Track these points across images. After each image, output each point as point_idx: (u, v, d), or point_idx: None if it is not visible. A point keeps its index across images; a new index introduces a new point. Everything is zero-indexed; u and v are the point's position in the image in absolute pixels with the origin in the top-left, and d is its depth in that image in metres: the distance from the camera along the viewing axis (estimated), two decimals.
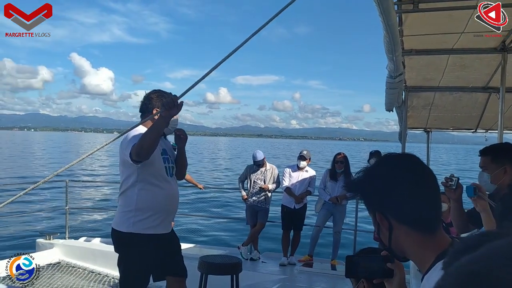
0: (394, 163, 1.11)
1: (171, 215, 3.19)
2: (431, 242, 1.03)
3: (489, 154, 2.51)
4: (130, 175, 2.99)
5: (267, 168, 6.35)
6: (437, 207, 1.07)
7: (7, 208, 10.87)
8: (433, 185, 1.07)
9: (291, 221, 6.28)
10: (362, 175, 1.12)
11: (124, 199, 3.03)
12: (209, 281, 4.30)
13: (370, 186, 1.09)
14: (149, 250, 2.99)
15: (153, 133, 2.71)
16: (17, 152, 54.58)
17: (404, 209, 1.04)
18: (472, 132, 6.35)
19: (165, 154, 3.12)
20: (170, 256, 3.18)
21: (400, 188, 1.04)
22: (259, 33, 2.08)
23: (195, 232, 11.14)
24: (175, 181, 3.22)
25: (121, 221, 3.01)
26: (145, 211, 2.96)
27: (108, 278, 5.58)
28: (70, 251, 6.22)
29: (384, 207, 1.06)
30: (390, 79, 3.75)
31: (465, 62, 4.02)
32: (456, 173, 2.38)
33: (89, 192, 17.74)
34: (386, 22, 2.47)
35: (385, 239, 1.09)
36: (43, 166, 32.50)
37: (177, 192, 3.25)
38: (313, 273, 5.81)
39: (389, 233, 1.07)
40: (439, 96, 5.16)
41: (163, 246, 3.08)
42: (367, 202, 1.12)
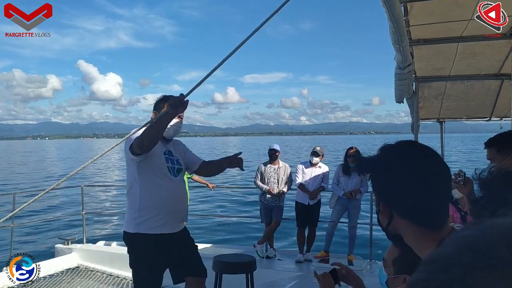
0: (408, 155, 1.05)
1: (178, 214, 3.14)
2: (433, 236, 1.00)
3: (494, 145, 2.48)
4: (132, 173, 3.02)
5: (280, 166, 6.33)
6: (446, 203, 1.04)
7: (25, 216, 11.06)
8: (445, 181, 1.03)
9: (306, 218, 6.25)
10: (375, 161, 1.07)
11: (129, 199, 3.06)
12: (224, 281, 4.30)
13: (380, 176, 1.07)
14: (157, 251, 2.99)
15: (157, 126, 2.71)
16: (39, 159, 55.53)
17: (409, 207, 1.00)
18: (486, 120, 6.25)
19: (170, 155, 3.12)
20: (186, 256, 3.17)
21: (409, 185, 1.00)
22: (264, 31, 2.07)
23: (210, 231, 11.18)
24: (182, 181, 3.21)
25: (128, 222, 3.04)
26: (148, 210, 2.96)
27: (126, 280, 5.63)
28: (88, 255, 6.30)
29: (390, 201, 1.04)
30: (399, 70, 3.71)
31: (475, 49, 3.95)
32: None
33: (104, 196, 17.94)
34: (390, 12, 2.44)
35: (383, 223, 1.08)
36: (63, 170, 33.07)
37: (184, 191, 3.24)
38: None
39: (388, 220, 1.05)
40: (450, 85, 5.08)
41: (176, 246, 3.07)
42: (374, 187, 1.10)
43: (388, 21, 2.61)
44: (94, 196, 17.02)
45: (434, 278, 0.41)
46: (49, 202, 15.37)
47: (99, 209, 14.10)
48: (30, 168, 39.59)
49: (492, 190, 0.86)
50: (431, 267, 0.43)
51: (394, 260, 1.76)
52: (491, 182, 0.90)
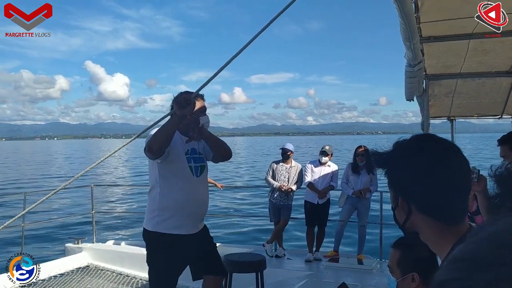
0: (427, 148, 1.03)
1: (195, 217, 3.12)
2: (451, 232, 0.99)
3: (507, 142, 2.45)
4: (153, 173, 3.03)
5: (292, 166, 6.32)
6: (466, 198, 1.02)
7: (35, 215, 11.16)
8: (465, 175, 1.02)
9: (315, 217, 6.23)
10: (393, 155, 1.05)
11: (150, 198, 3.09)
12: (234, 280, 4.31)
13: (398, 171, 1.04)
14: (173, 250, 3.00)
15: (165, 130, 2.71)
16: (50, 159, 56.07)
17: (430, 202, 0.99)
18: (498, 118, 6.19)
19: (194, 153, 3.09)
20: (205, 254, 3.19)
21: (429, 179, 0.98)
22: (271, 31, 2.07)
23: (219, 230, 11.20)
24: (203, 181, 3.16)
25: (148, 220, 3.07)
26: (167, 211, 2.98)
27: (136, 279, 5.66)
28: (98, 255, 6.34)
29: (409, 195, 1.02)
30: (409, 67, 3.68)
31: (486, 46, 3.90)
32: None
33: (114, 196, 18.06)
34: (401, 9, 2.43)
35: (400, 219, 1.06)
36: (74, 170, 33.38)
37: (204, 193, 3.18)
38: (339, 268, 5.76)
39: (406, 216, 1.03)
40: (461, 83, 5.03)
41: (194, 246, 3.08)
42: (391, 182, 1.07)
43: (399, 18, 2.59)
44: (104, 196, 17.13)
45: (472, 277, 0.40)
46: (59, 202, 15.50)
47: (108, 209, 14.20)
48: (41, 168, 40.00)
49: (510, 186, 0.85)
50: (461, 265, 0.42)
51: (398, 262, 1.76)
52: (508, 178, 0.88)
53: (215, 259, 3.25)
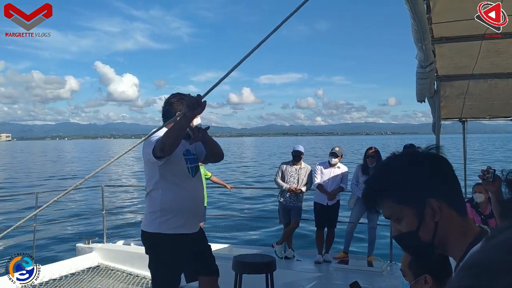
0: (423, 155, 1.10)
1: (197, 215, 3.21)
2: (467, 227, 1.03)
3: None
4: (153, 175, 3.05)
5: (302, 167, 6.30)
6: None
7: (46, 215, 11.28)
8: None
9: (325, 218, 6.21)
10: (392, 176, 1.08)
11: (149, 200, 3.10)
12: (244, 281, 4.31)
13: (410, 181, 1.05)
14: (177, 250, 3.03)
15: (177, 131, 2.73)
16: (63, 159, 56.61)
17: (451, 194, 1.04)
18: (510, 120, 6.12)
19: (188, 154, 3.15)
20: (200, 255, 3.22)
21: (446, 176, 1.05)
22: (280, 32, 2.06)
23: (229, 232, 11.21)
24: (199, 181, 3.24)
25: (148, 222, 3.08)
26: (169, 211, 3.01)
27: (146, 280, 5.68)
28: (109, 255, 6.38)
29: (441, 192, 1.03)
30: (421, 68, 3.65)
31: (499, 47, 3.85)
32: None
33: (124, 196, 18.17)
34: (413, 10, 2.41)
35: (429, 232, 1.03)
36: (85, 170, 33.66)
37: (201, 192, 3.27)
38: (349, 270, 5.73)
39: (435, 224, 1.02)
40: (473, 84, 4.98)
41: (191, 246, 3.11)
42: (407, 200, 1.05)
43: (411, 19, 2.57)
44: (114, 197, 17.24)
45: (486, 284, 0.40)
46: (71, 202, 15.64)
47: (119, 208, 14.29)
48: (52, 168, 40.38)
49: None
50: (475, 271, 0.41)
51: (410, 264, 1.75)
52: None
53: (210, 260, 3.28)
